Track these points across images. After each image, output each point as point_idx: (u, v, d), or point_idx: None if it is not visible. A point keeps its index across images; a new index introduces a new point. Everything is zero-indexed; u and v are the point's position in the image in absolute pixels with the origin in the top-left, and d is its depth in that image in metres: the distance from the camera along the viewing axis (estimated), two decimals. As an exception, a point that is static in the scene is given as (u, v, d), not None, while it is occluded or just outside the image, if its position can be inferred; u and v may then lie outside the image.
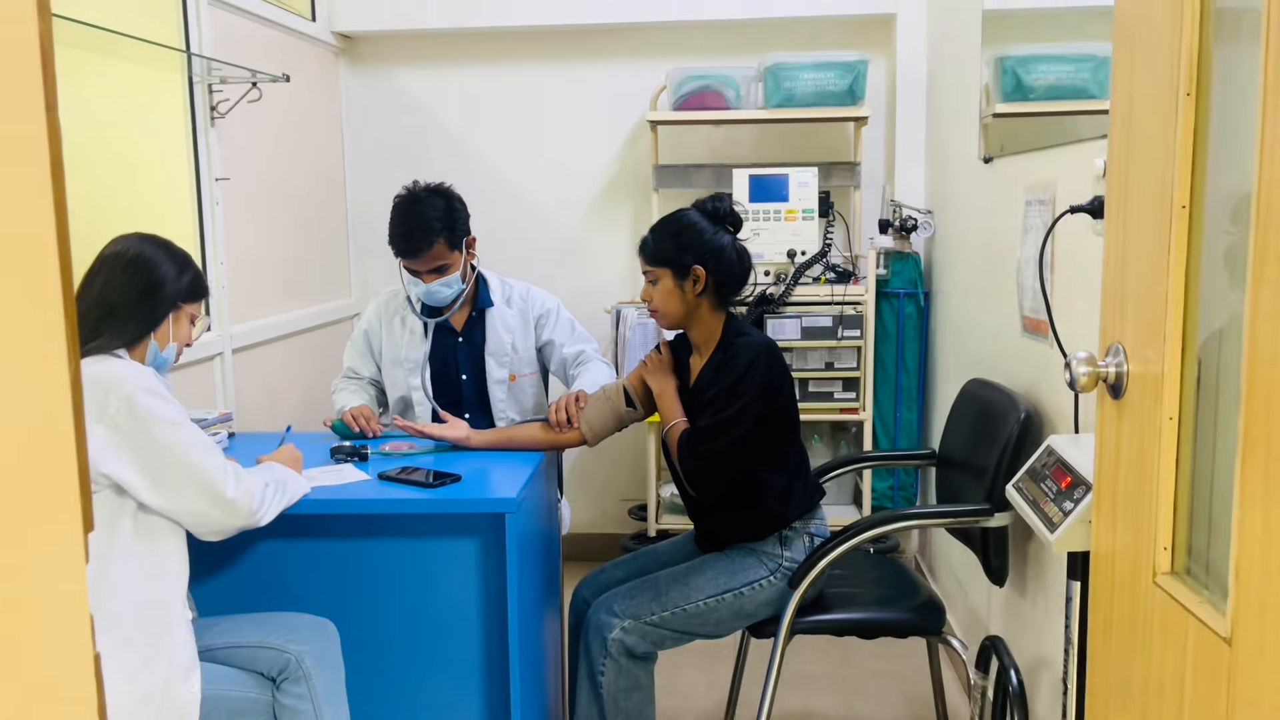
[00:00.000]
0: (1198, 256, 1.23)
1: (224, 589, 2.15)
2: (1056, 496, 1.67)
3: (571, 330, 2.75)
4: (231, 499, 1.78)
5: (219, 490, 1.77)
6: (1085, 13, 2.11)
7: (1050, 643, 2.13)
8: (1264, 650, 1.01)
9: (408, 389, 2.67)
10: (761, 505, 2.21)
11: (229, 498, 1.77)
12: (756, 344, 2.17)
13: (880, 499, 3.70)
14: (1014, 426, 2.13)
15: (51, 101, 0.64)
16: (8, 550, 0.64)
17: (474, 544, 2.12)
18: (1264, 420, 1.01)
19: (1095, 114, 1.94)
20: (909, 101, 3.72)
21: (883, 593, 2.37)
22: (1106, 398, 1.43)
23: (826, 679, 3.02)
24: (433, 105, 4.02)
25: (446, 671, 2.15)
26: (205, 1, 2.89)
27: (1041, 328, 2.14)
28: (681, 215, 2.25)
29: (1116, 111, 1.42)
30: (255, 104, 3.09)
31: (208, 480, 1.76)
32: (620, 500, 4.08)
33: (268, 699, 1.91)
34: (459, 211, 2.56)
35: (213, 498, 1.77)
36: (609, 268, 4.02)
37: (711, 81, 3.61)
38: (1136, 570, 1.34)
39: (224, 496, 1.77)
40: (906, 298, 3.60)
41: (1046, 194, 2.15)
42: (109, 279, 1.84)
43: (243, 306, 3.15)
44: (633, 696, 2.18)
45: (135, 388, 1.72)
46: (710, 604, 2.18)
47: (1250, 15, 1.10)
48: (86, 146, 2.51)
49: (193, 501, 1.76)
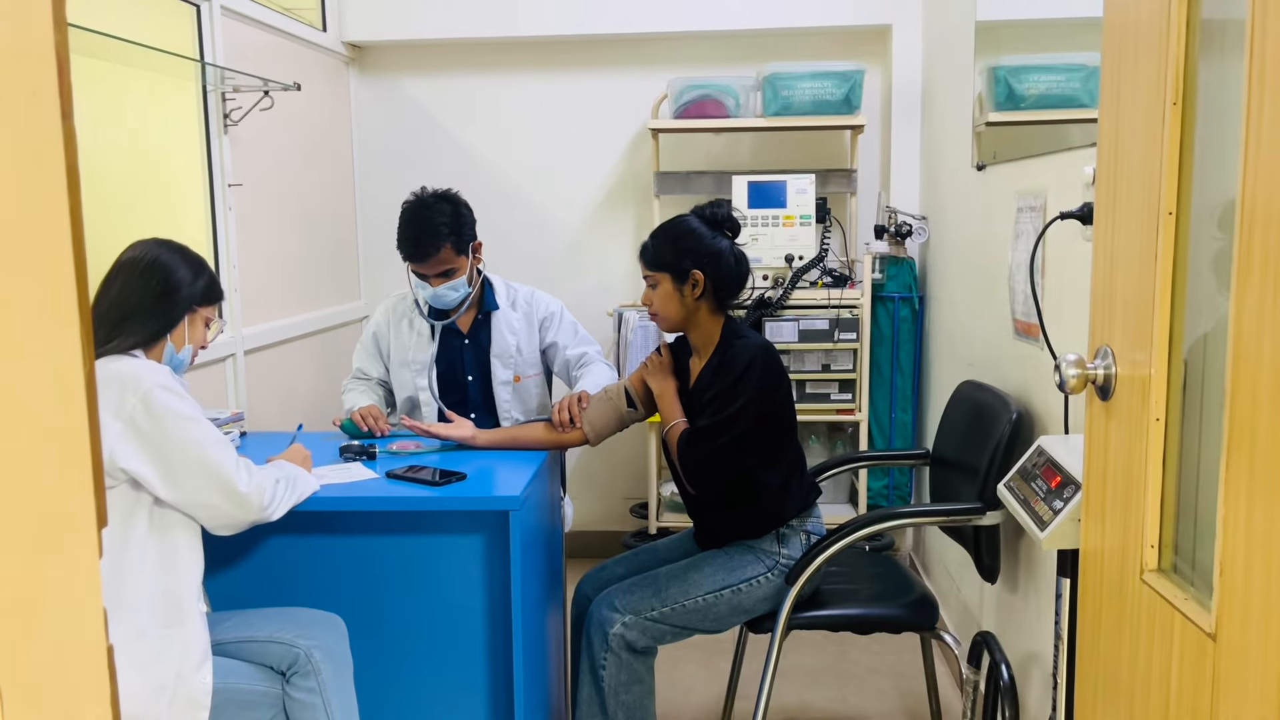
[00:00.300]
0: (1184, 262, 1.24)
1: (235, 584, 2.18)
2: (1047, 495, 1.69)
3: (574, 333, 2.79)
4: (244, 493, 1.81)
5: (232, 485, 1.80)
6: (1075, 24, 2.14)
7: (1041, 638, 2.16)
8: (1247, 645, 1.02)
9: (415, 390, 2.70)
10: (759, 503, 2.24)
11: (241, 492, 1.81)
12: (754, 346, 2.20)
13: (875, 498, 3.74)
14: (1005, 427, 2.16)
15: (68, 109, 0.65)
16: (24, 544, 0.64)
17: (479, 541, 2.15)
18: (1248, 421, 1.02)
19: (1085, 123, 1.96)
20: (904, 110, 3.77)
21: (877, 589, 2.40)
22: (1095, 399, 1.44)
23: (822, 673, 3.05)
24: (440, 113, 4.06)
25: (451, 664, 2.18)
26: (219, 12, 2.93)
27: (1032, 331, 2.18)
28: (680, 221, 2.28)
29: (1105, 120, 1.44)
30: (267, 112, 3.13)
31: (221, 475, 1.79)
32: (622, 498, 4.12)
33: (278, 692, 1.94)
34: (465, 217, 2.59)
35: (226, 492, 1.80)
36: (611, 271, 4.06)
37: (711, 90, 3.65)
38: (1124, 567, 1.35)
39: (236, 490, 1.80)
40: (901, 301, 3.64)
41: (1037, 200, 2.18)
42: (127, 282, 1.87)
43: (255, 309, 3.18)
44: (633, 690, 2.21)
45: (152, 384, 1.75)
46: (709, 600, 2.21)
47: (1235, 26, 1.11)
48: (103, 153, 2.55)
49: (206, 495, 1.79)
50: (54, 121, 0.65)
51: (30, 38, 0.64)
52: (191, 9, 2.88)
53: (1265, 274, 0.99)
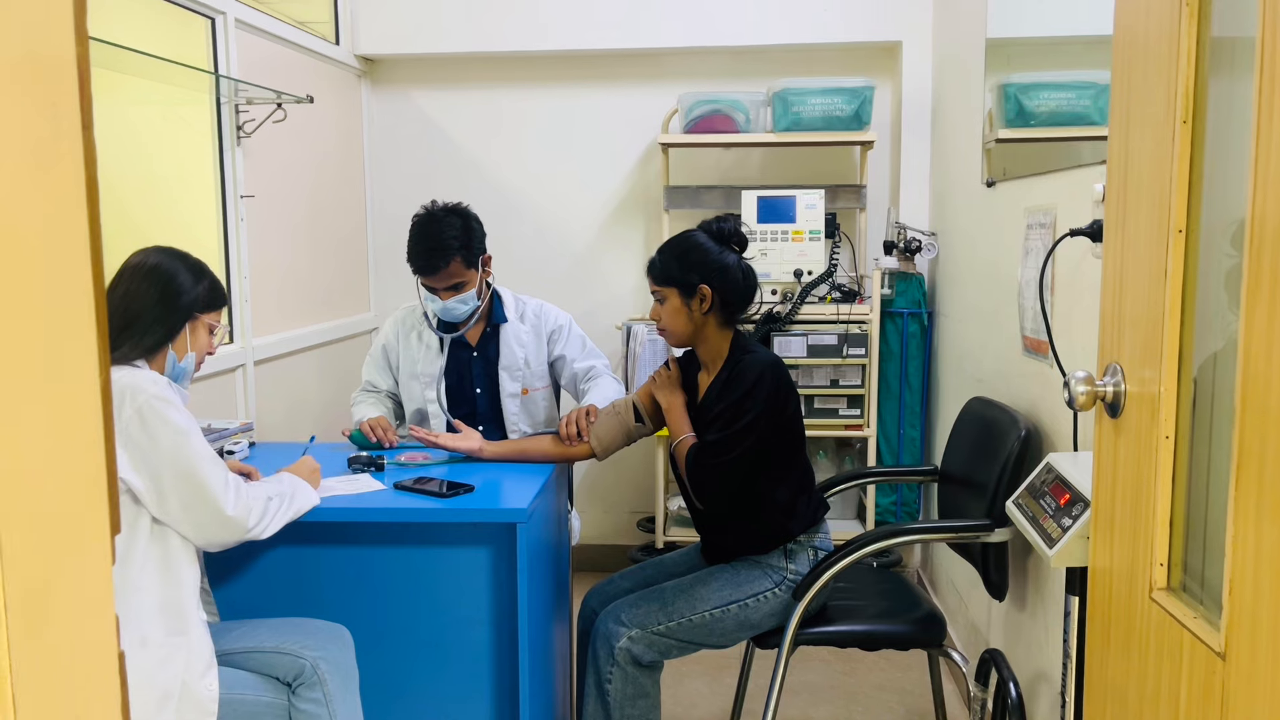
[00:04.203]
0: (1194, 279, 1.25)
1: (242, 594, 2.18)
2: (1055, 513, 1.68)
3: (583, 346, 2.79)
4: (230, 516, 1.80)
5: (218, 505, 1.79)
6: (1086, 41, 2.15)
7: (1049, 656, 2.15)
8: (1256, 664, 1.02)
9: (424, 401, 2.71)
10: (767, 519, 2.24)
11: (228, 515, 1.80)
12: (762, 361, 2.20)
13: (883, 514, 3.73)
14: (1014, 444, 2.16)
15: (88, 121, 0.66)
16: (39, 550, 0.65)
17: (486, 553, 2.15)
18: (1257, 439, 1.02)
19: (1095, 140, 1.96)
20: (914, 126, 3.78)
21: (885, 606, 2.39)
22: (1104, 416, 1.44)
23: (829, 690, 3.04)
24: (451, 126, 4.09)
25: (457, 676, 2.17)
26: (233, 25, 2.96)
27: (1041, 348, 2.17)
28: (688, 236, 2.28)
29: (1115, 137, 1.44)
30: (280, 124, 3.15)
31: (208, 494, 1.78)
32: (628, 512, 4.11)
33: (283, 703, 1.94)
34: (475, 231, 2.60)
35: (212, 512, 1.79)
36: (620, 285, 4.07)
37: (721, 106, 3.66)
38: (1133, 585, 1.34)
39: (223, 512, 1.80)
40: (910, 317, 3.64)
41: (1047, 217, 2.18)
42: (128, 290, 1.87)
43: (265, 320, 3.20)
44: (639, 704, 2.20)
45: (149, 396, 1.76)
46: (716, 614, 2.21)
47: (1245, 45, 1.11)
48: (119, 164, 2.57)
49: (193, 513, 1.79)
50: (75, 132, 0.65)
51: (53, 50, 0.64)
52: (206, 22, 2.91)
53: (1275, 292, 0.99)
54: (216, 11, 2.90)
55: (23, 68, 0.62)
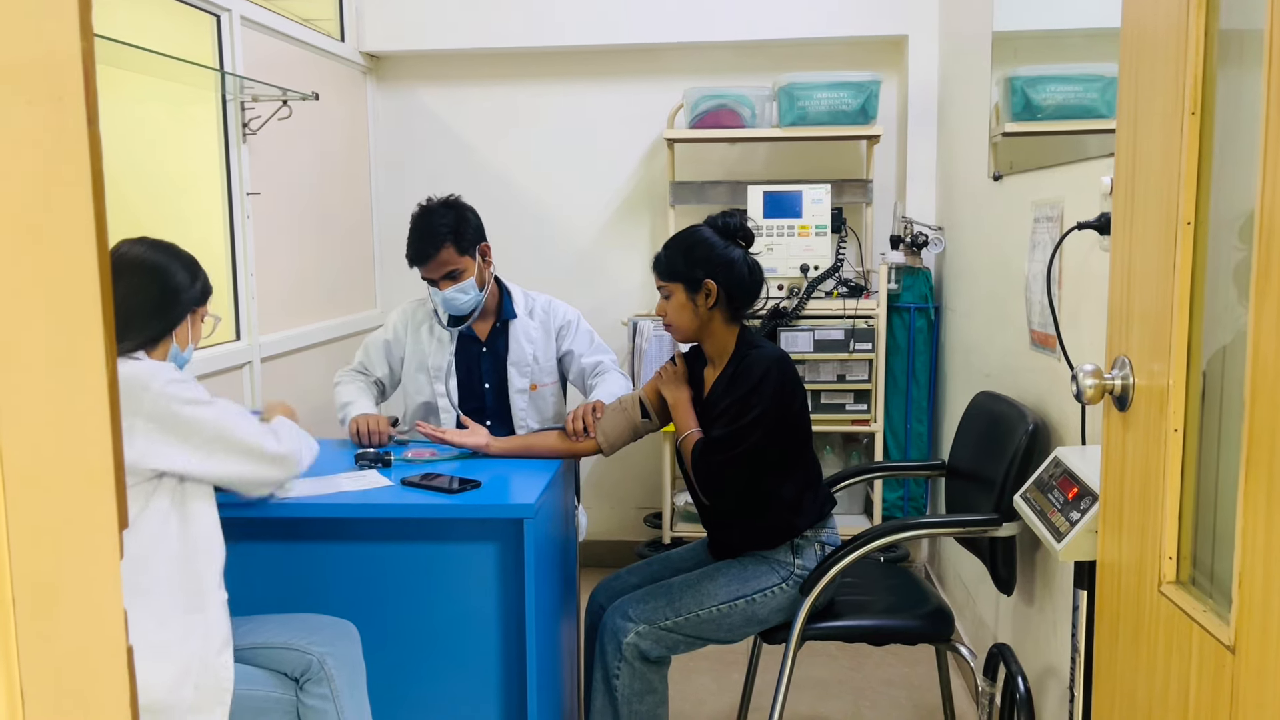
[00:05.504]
0: (1202, 272, 1.24)
1: (250, 590, 2.18)
2: (1063, 507, 1.68)
3: (590, 341, 2.79)
4: (273, 455, 1.93)
5: (260, 450, 1.91)
6: (1093, 34, 2.14)
7: (1057, 651, 2.15)
8: (1266, 658, 1.02)
9: (432, 395, 2.71)
10: (774, 514, 2.24)
11: (271, 454, 1.92)
12: (769, 356, 2.20)
13: (890, 509, 3.73)
14: (1022, 438, 2.16)
15: (93, 115, 0.66)
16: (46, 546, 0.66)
17: (493, 548, 2.15)
18: (1267, 432, 1.02)
19: (1102, 133, 1.96)
20: (920, 120, 3.76)
21: (892, 601, 2.39)
22: (1112, 410, 1.44)
23: (836, 685, 3.04)
24: (456, 123, 4.09)
25: (465, 673, 2.18)
26: (239, 22, 2.97)
27: (1049, 341, 2.17)
28: (693, 231, 2.28)
29: (1123, 130, 1.43)
30: (285, 121, 3.15)
31: (248, 445, 1.89)
32: (636, 508, 4.12)
33: (291, 699, 1.94)
34: (469, 219, 2.61)
35: (257, 458, 1.91)
36: (626, 281, 4.07)
37: (727, 100, 3.66)
38: (1142, 579, 1.34)
39: (266, 454, 1.92)
40: (917, 312, 3.63)
41: (1054, 211, 2.17)
42: (129, 288, 1.89)
43: (271, 317, 3.21)
44: (647, 700, 2.21)
45: (163, 381, 1.79)
46: (723, 610, 2.21)
47: (1253, 36, 1.11)
48: (124, 160, 2.57)
49: (239, 466, 1.89)
50: (80, 127, 0.66)
51: (58, 45, 0.65)
52: (211, 19, 2.91)
53: (1285, 284, 0.99)
54: (222, 9, 2.91)
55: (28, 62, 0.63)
